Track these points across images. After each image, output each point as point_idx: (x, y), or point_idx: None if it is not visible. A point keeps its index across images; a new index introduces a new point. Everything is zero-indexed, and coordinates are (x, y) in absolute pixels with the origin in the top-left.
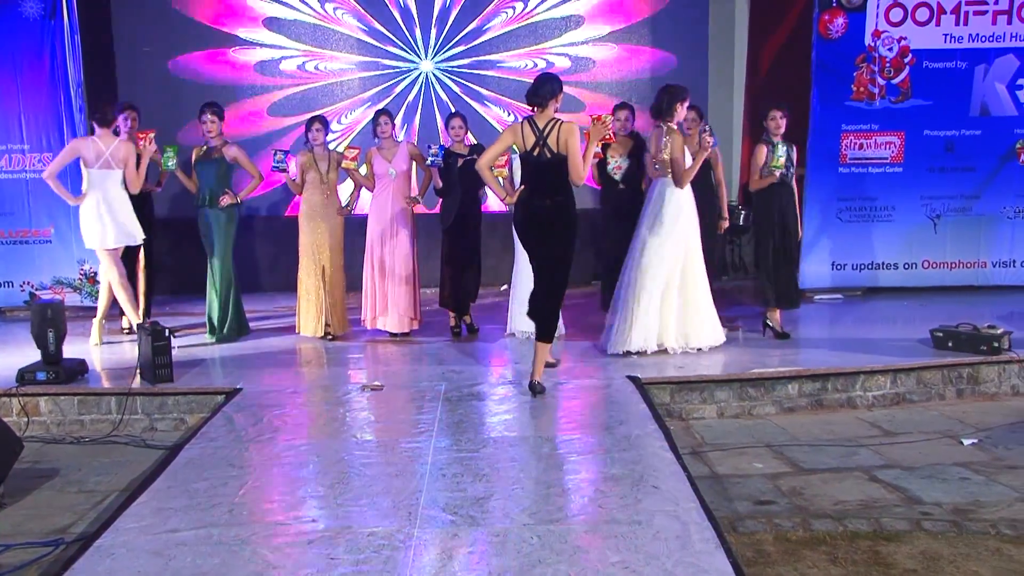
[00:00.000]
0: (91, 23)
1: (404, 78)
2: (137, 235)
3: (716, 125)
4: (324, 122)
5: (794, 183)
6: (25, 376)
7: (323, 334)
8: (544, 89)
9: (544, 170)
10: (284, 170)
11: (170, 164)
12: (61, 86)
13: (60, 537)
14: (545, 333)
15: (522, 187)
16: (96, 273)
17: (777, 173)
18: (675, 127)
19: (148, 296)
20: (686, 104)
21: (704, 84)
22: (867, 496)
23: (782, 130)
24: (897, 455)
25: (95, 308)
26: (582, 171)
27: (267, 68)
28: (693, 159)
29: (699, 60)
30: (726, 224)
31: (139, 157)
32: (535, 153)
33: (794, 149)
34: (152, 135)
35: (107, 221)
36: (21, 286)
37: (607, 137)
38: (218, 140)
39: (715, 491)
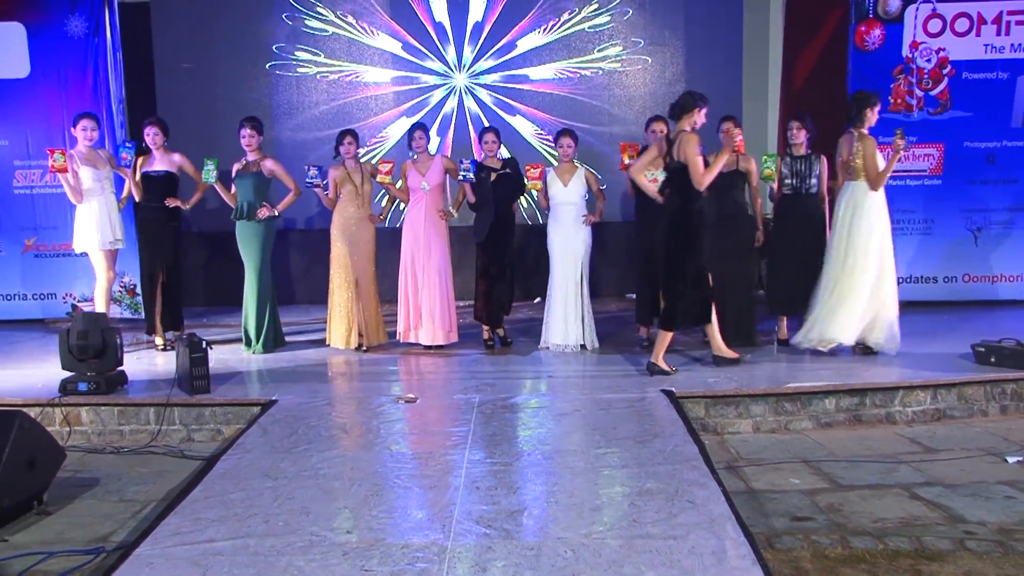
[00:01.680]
0: (132, 40)
1: (438, 92)
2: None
3: (750, 137)
4: (355, 135)
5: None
6: (67, 386)
7: (356, 346)
8: (677, 104)
9: (672, 176)
10: (317, 185)
11: (210, 177)
12: (103, 102)
13: (101, 545)
14: (665, 321)
15: (666, 190)
16: (136, 285)
17: (772, 185)
18: (866, 132)
19: (172, 310)
20: (876, 109)
21: (738, 96)
22: (908, 514)
23: (799, 141)
24: (938, 472)
25: (136, 320)
26: (700, 177)
27: (304, 83)
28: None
29: (733, 72)
30: (762, 237)
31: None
32: (667, 161)
33: (822, 162)
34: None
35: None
36: (63, 298)
37: (736, 148)
38: (256, 154)
39: (751, 506)
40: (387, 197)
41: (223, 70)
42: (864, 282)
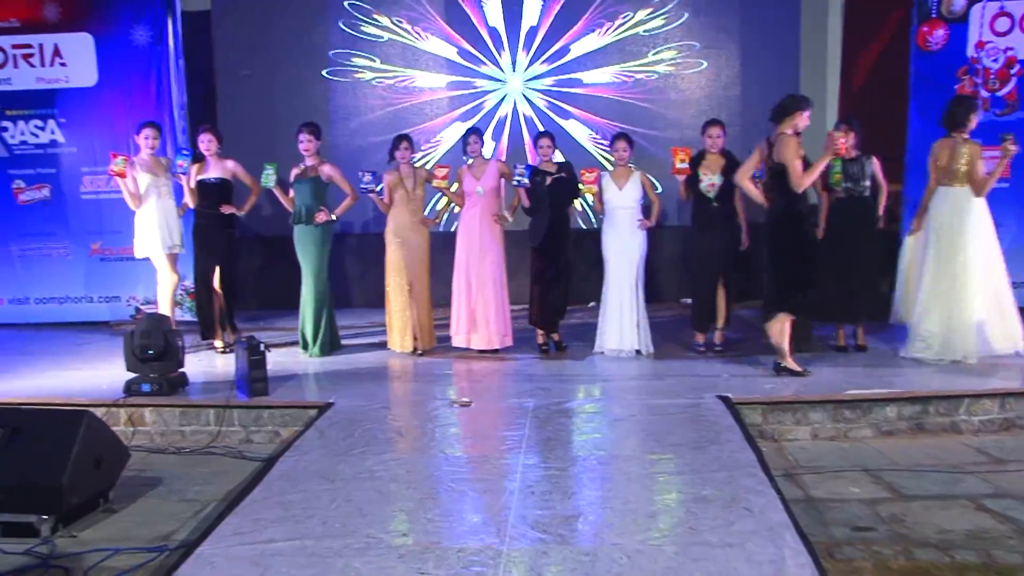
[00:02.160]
0: (194, 48)
1: (493, 97)
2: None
3: (808, 141)
4: (411, 141)
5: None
6: (131, 387)
7: (411, 349)
8: (778, 106)
9: (771, 178)
10: (372, 191)
11: (269, 182)
12: (166, 108)
13: (164, 543)
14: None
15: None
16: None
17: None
18: (969, 137)
19: (227, 313)
20: (978, 115)
21: None
22: (975, 526)
23: (849, 144)
24: (1007, 484)
25: (195, 323)
26: (798, 180)
27: (360, 88)
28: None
29: (790, 75)
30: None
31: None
32: (767, 164)
33: (872, 162)
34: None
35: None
36: (127, 300)
37: (838, 151)
38: (314, 159)
39: (810, 515)
40: (442, 201)
41: (281, 76)
42: (982, 290)
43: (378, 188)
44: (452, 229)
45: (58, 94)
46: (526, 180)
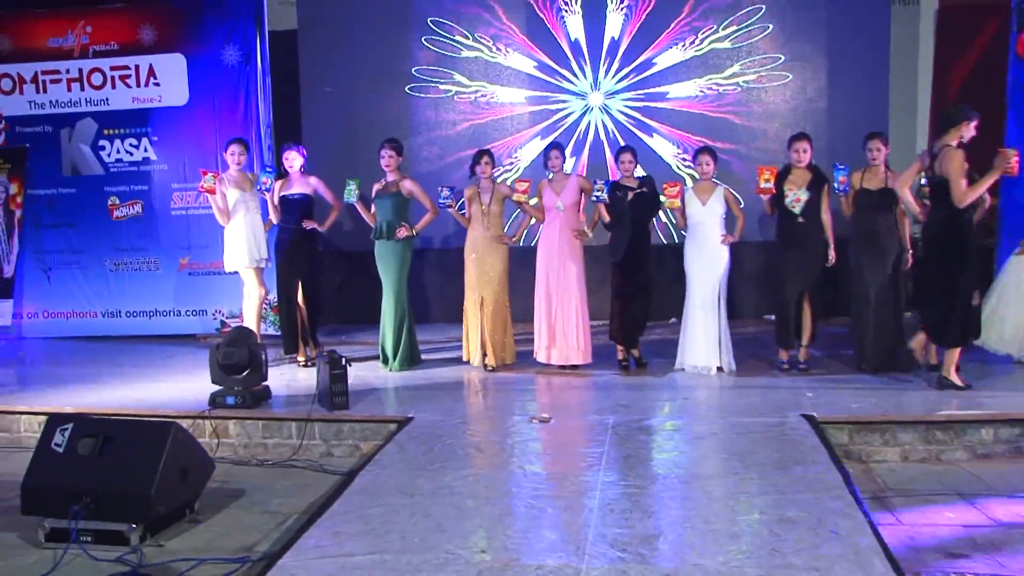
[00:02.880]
0: (280, 67)
1: (574, 111)
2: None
3: (897, 154)
4: (491, 156)
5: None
6: (216, 400)
7: (482, 365)
8: (943, 118)
9: (933, 191)
10: (450, 205)
11: (351, 197)
12: (253, 126)
13: (247, 555)
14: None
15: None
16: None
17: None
18: None
19: (310, 328)
20: None
21: (885, 111)
22: None
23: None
24: None
25: (278, 337)
26: (960, 195)
27: (442, 104)
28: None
29: (879, 86)
30: (911, 258)
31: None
32: (928, 176)
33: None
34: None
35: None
36: (213, 314)
37: (1009, 170)
38: (396, 175)
39: (900, 540)
40: (523, 218)
41: (363, 93)
42: None
43: (457, 203)
44: (533, 244)
45: (151, 113)
46: (605, 196)
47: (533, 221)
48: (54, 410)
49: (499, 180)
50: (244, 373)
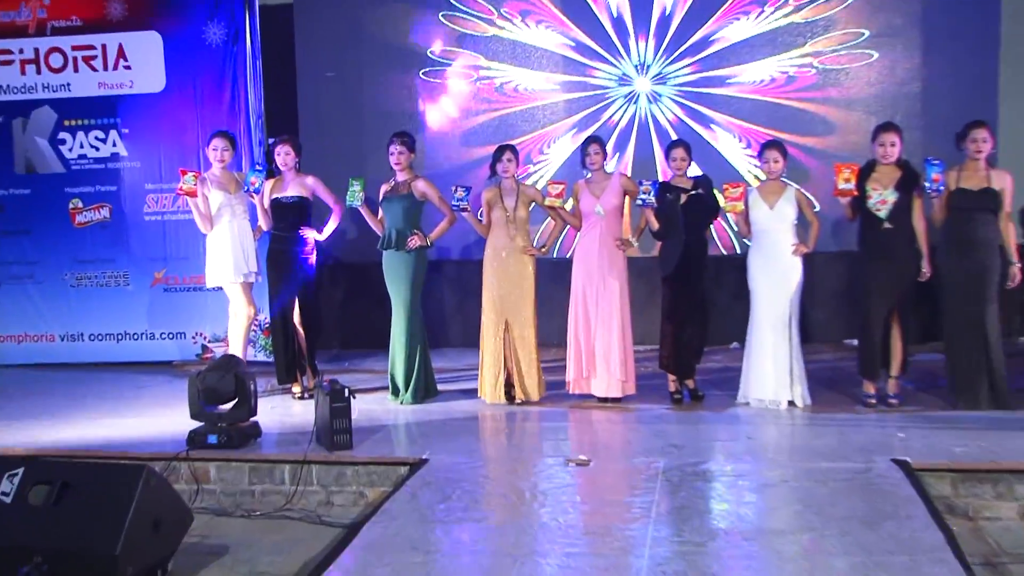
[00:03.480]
0: (273, 47)
1: (616, 99)
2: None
3: (1010, 149)
4: (515, 152)
5: None
6: (195, 438)
7: (508, 400)
8: None
9: None
10: (465, 208)
11: (355, 200)
12: (241, 116)
13: None
14: None
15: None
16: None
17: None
18: None
19: (308, 353)
20: None
21: (993, 97)
22: None
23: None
24: None
25: (270, 364)
26: None
27: (461, 92)
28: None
29: (987, 68)
30: (1020, 274)
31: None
32: None
33: None
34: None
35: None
36: (193, 337)
37: None
38: (407, 174)
39: None
40: (553, 225)
41: (370, 78)
42: None
43: (475, 207)
44: (568, 256)
45: (121, 101)
46: (653, 199)
47: (567, 228)
48: (1, 452)
49: (528, 181)
50: (229, 407)
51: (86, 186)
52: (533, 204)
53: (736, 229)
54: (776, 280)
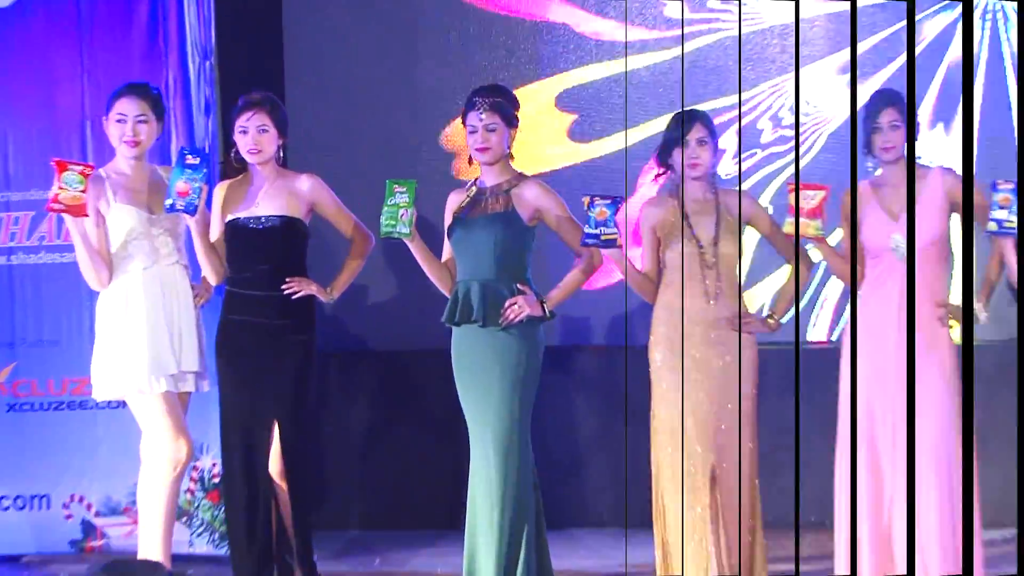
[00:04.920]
0: None
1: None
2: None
3: None
4: (710, 125)
5: None
6: None
7: None
8: None
9: None
10: (610, 239)
11: (399, 226)
12: (172, 55)
13: None
14: None
15: None
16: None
17: None
18: None
19: (298, 536)
20: None
21: None
22: None
23: None
24: None
25: (220, 558)
26: None
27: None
28: None
29: None
30: None
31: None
32: None
33: None
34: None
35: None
36: (64, 507)
37: None
38: (502, 171)
39: None
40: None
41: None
42: None
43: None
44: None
45: None
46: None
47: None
48: None
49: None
50: None
51: None
52: (749, 231)
53: None
54: None
